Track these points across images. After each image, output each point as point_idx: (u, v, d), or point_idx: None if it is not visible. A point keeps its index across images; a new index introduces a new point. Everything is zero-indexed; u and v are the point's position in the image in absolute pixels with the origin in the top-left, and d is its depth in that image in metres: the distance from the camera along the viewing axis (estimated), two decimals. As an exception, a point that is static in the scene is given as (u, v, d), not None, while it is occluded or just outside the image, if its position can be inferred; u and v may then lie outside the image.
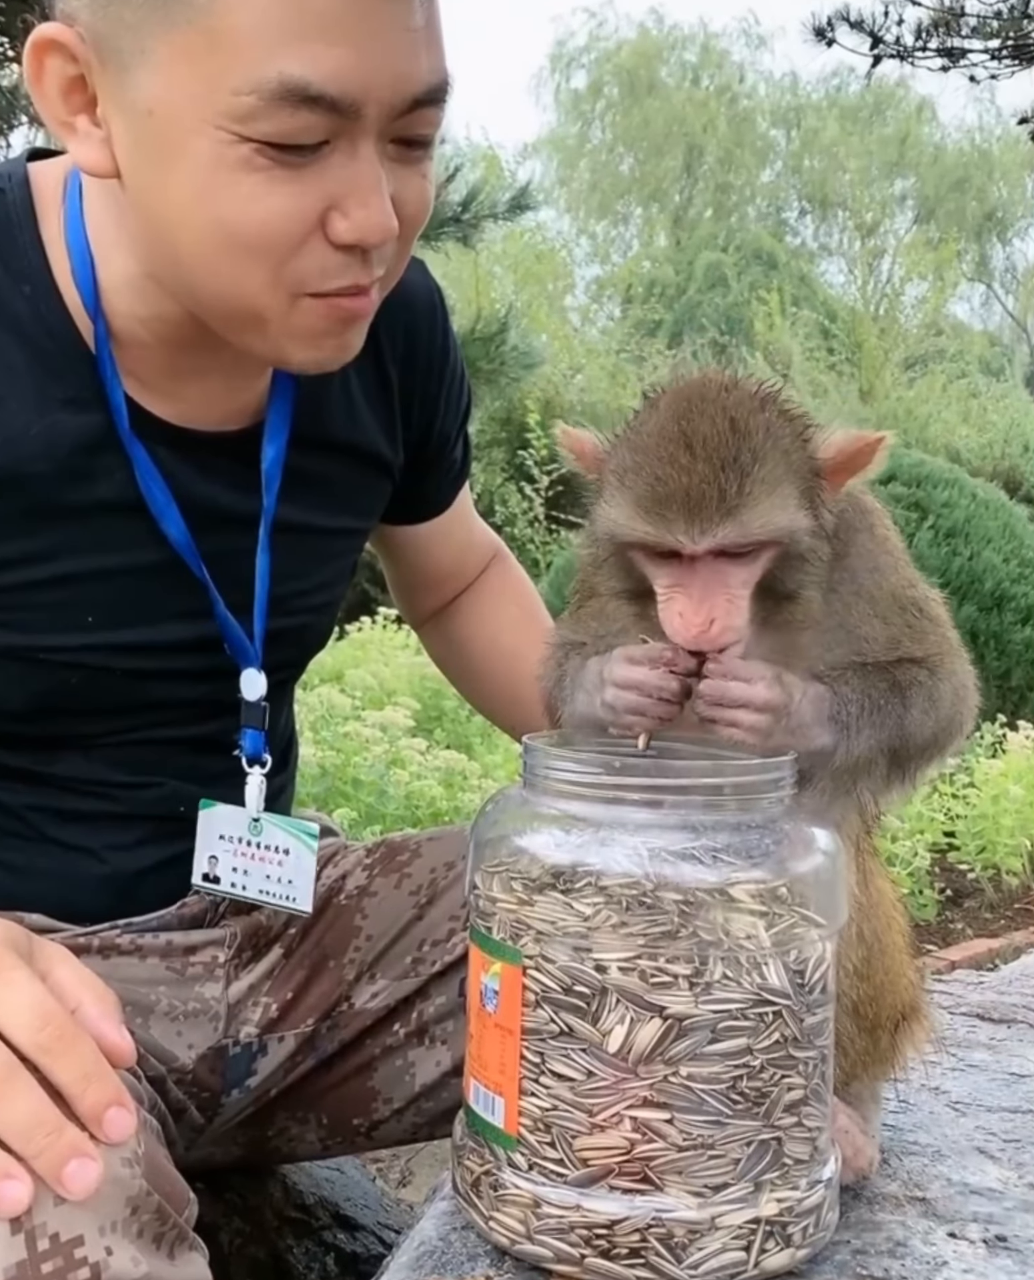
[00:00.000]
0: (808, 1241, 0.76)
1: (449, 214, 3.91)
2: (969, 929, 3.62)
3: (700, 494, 0.79)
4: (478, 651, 1.35)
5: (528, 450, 9.45)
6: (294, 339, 0.91)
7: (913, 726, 0.86)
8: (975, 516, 5.54)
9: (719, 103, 24.85)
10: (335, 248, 0.87)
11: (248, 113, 0.81)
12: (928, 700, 0.86)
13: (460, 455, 1.28)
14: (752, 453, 0.80)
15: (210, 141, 0.82)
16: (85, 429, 0.98)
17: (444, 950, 1.15)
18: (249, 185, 0.83)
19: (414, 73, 0.84)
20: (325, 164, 0.84)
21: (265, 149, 0.82)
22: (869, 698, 0.85)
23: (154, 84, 0.82)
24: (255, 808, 1.08)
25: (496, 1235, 0.77)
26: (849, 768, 0.85)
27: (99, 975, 1.05)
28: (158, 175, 0.85)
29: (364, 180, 0.85)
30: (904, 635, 0.88)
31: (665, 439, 0.81)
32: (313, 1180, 1.36)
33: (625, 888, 0.74)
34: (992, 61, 5.43)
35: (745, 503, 0.79)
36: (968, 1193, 0.89)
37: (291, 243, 0.85)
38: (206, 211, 0.84)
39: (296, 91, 0.80)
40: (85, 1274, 0.71)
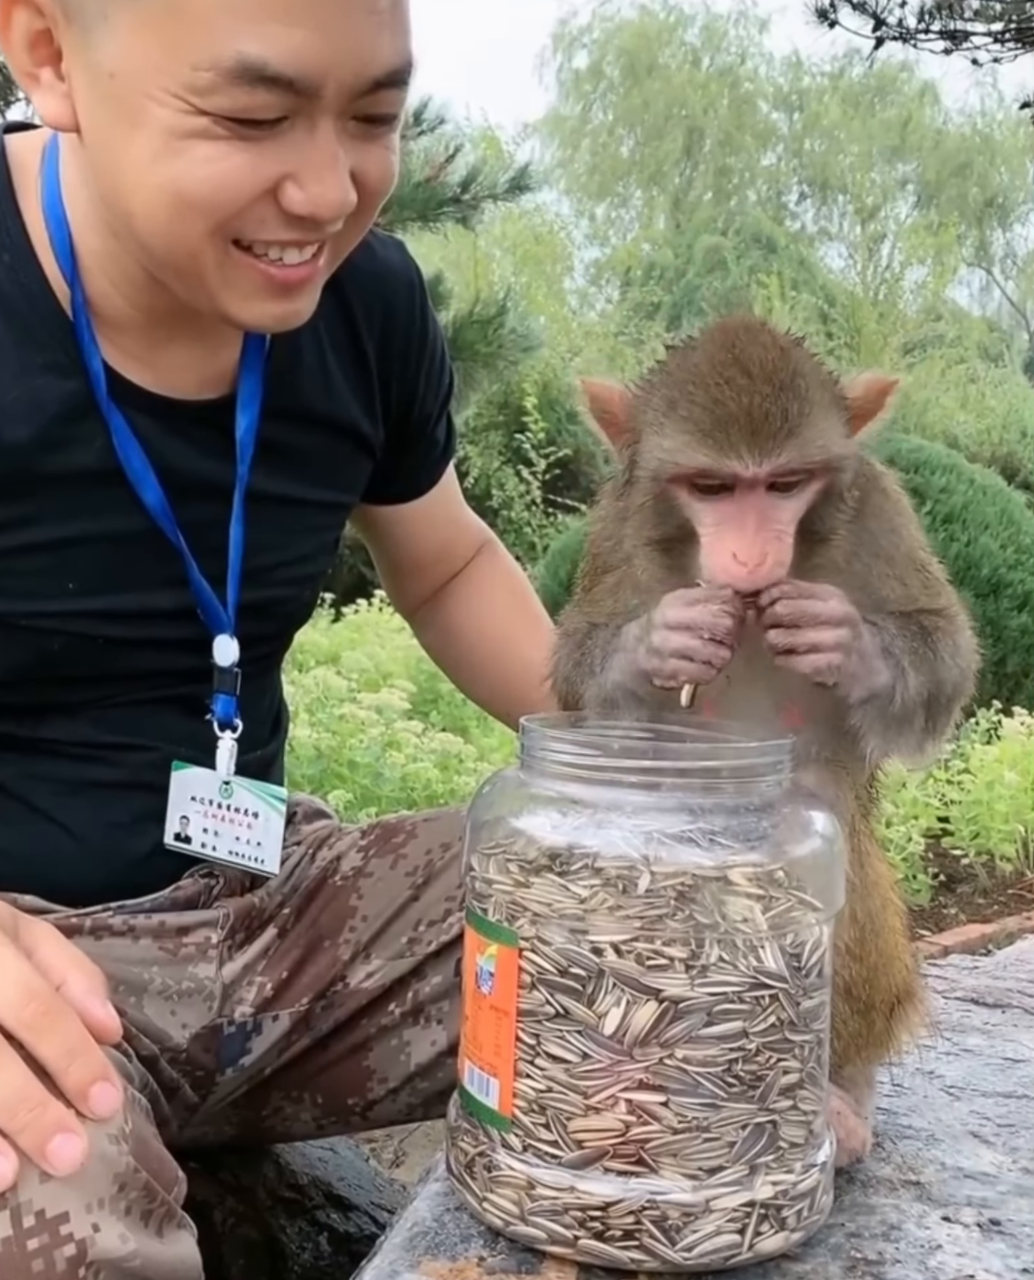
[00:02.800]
0: (802, 1225, 0.76)
1: (448, 195, 3.89)
2: (963, 914, 3.63)
3: (763, 413, 0.78)
4: (470, 638, 1.35)
5: (525, 433, 9.44)
6: (231, 292, 0.92)
7: (944, 671, 0.86)
8: (973, 502, 5.53)
9: (720, 85, 24.74)
10: (283, 212, 0.88)
11: (206, 87, 0.81)
12: (953, 646, 0.87)
13: (443, 436, 1.28)
14: (804, 377, 0.80)
15: (169, 110, 0.83)
16: (64, 396, 0.98)
17: (440, 930, 1.15)
18: (205, 150, 0.84)
19: (375, 55, 0.85)
20: (284, 138, 0.85)
21: (223, 121, 0.83)
22: (906, 639, 0.85)
23: (116, 48, 0.83)
24: (226, 771, 1.09)
25: (490, 1216, 0.77)
26: (898, 716, 0.85)
27: (91, 956, 1.04)
28: (116, 134, 0.86)
29: (321, 157, 0.86)
30: (920, 593, 0.89)
31: (718, 365, 0.80)
32: (306, 1160, 1.36)
33: (622, 870, 0.74)
34: (994, 44, 5.40)
35: (805, 424, 0.79)
36: (962, 1177, 0.89)
37: (238, 204, 0.87)
38: (161, 172, 0.85)
39: (254, 70, 0.81)
40: (71, 1250, 0.71)
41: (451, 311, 4.00)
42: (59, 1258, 0.71)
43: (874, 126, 23.89)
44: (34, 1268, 0.70)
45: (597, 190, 25.14)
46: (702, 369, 0.81)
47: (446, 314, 3.96)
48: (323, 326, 1.10)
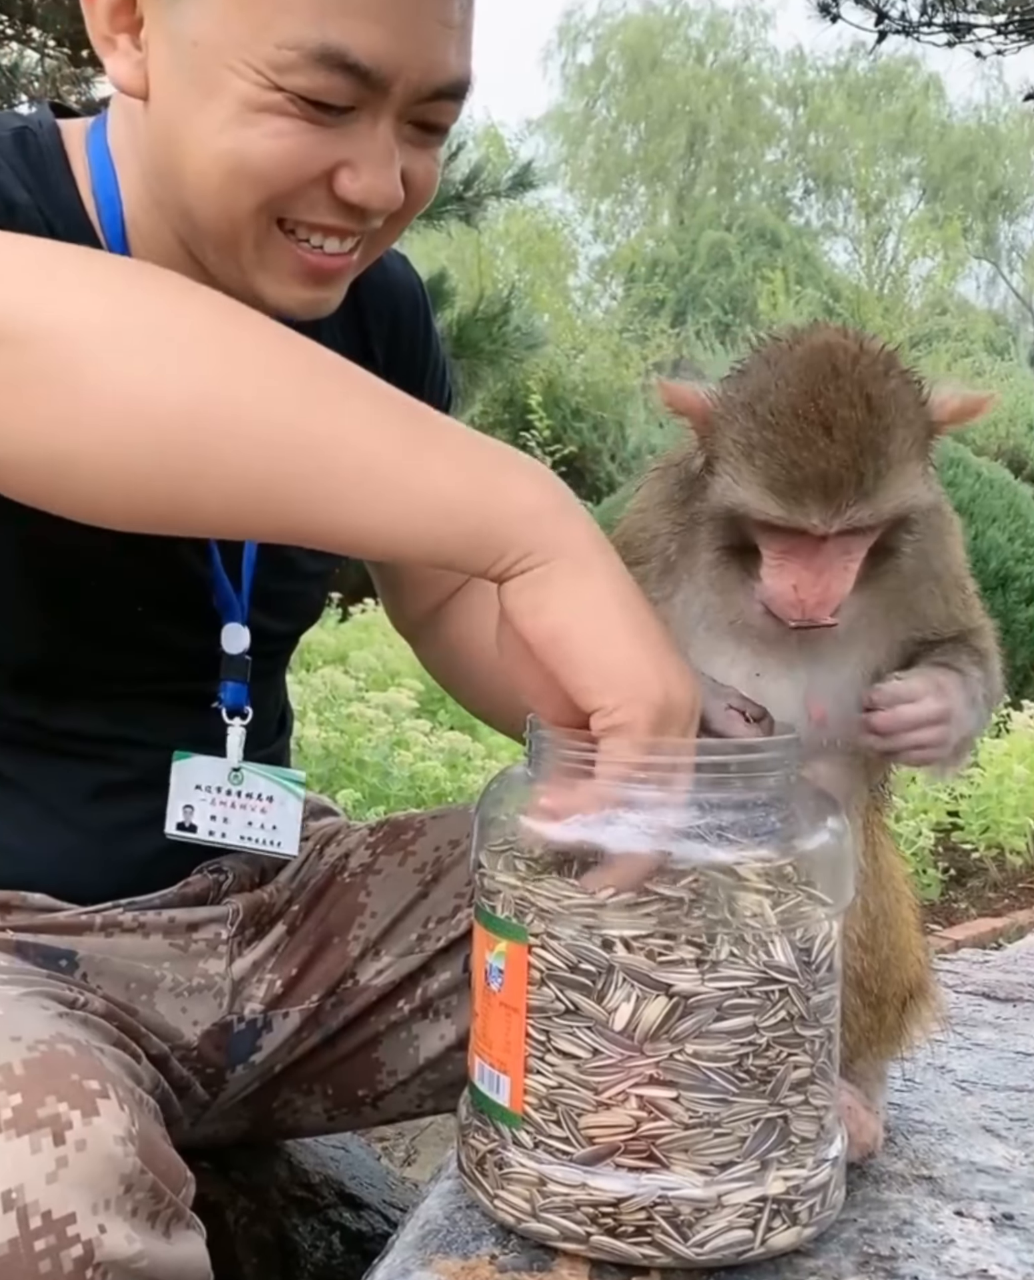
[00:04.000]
0: (814, 1220, 0.76)
1: (452, 192, 3.89)
2: (973, 908, 3.62)
3: (839, 479, 0.76)
4: (472, 655, 1.29)
5: (530, 431, 9.43)
6: (264, 273, 0.94)
7: (995, 694, 0.87)
8: (980, 496, 5.52)
9: (724, 81, 24.70)
10: (334, 199, 0.91)
11: (287, 65, 0.86)
12: (985, 672, 0.87)
13: None
14: (887, 432, 0.77)
15: (247, 82, 0.87)
16: None
17: (449, 926, 1.15)
18: (275, 124, 0.88)
19: (443, 64, 0.90)
20: (348, 128, 0.89)
21: (297, 100, 0.87)
22: (982, 678, 0.85)
23: (204, 18, 0.87)
24: (236, 757, 1.09)
25: (502, 1214, 0.77)
26: (958, 750, 0.85)
27: (102, 954, 1.05)
28: (188, 100, 0.89)
29: (379, 150, 0.90)
30: (959, 610, 0.89)
31: (800, 419, 0.76)
32: (318, 1159, 1.36)
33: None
34: (997, 36, 5.38)
35: (880, 485, 0.77)
36: (974, 1171, 0.89)
37: (294, 183, 0.90)
38: (227, 139, 0.88)
39: (335, 57, 0.85)
40: (78, 1251, 0.71)
41: (456, 309, 4.00)
42: (66, 1259, 0.71)
43: (879, 120, 23.84)
44: (41, 1269, 0.70)
45: (600, 187, 25.12)
46: (783, 420, 0.77)
47: (451, 312, 3.96)
48: (338, 327, 1.10)
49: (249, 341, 0.79)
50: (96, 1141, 0.73)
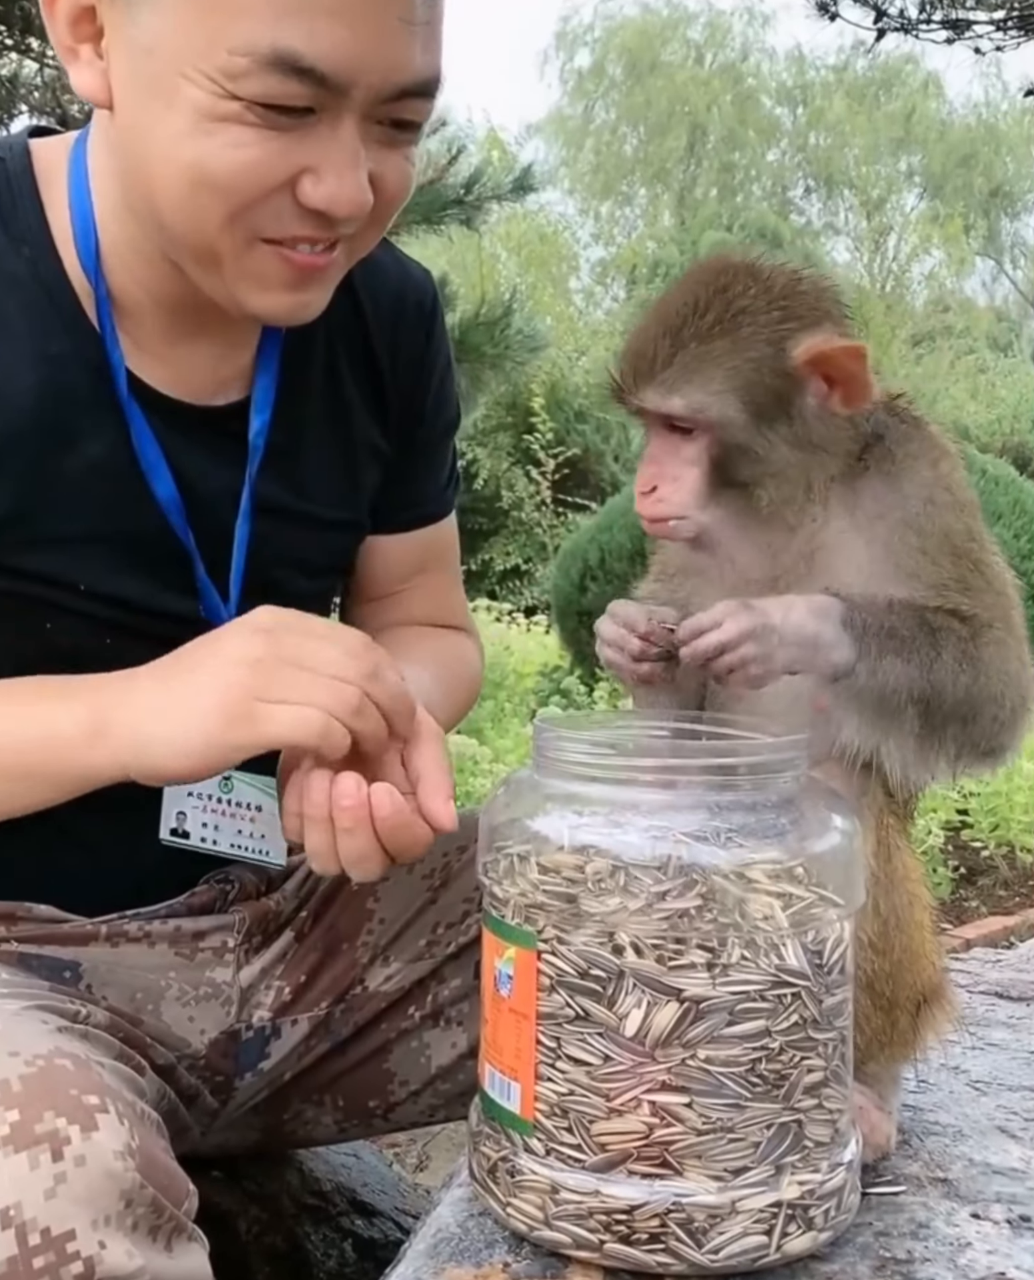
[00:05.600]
0: (830, 1224, 0.75)
1: (452, 196, 3.89)
2: (984, 907, 3.61)
3: (642, 354, 0.87)
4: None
5: (534, 434, 9.43)
6: (246, 282, 0.93)
7: (943, 675, 0.84)
8: (985, 493, 5.49)
9: (723, 81, 24.70)
10: (300, 206, 0.89)
11: (240, 72, 0.84)
12: (963, 655, 0.85)
13: (444, 477, 1.23)
14: (706, 334, 0.85)
15: (201, 91, 0.85)
16: (79, 388, 0.99)
17: (458, 932, 1.15)
18: (231, 134, 0.86)
19: (406, 63, 0.87)
20: (308, 132, 0.87)
21: (253, 107, 0.85)
22: (891, 624, 0.84)
23: (158, 25, 0.86)
24: None
25: (514, 1221, 0.76)
26: (876, 705, 0.84)
27: (108, 964, 1.04)
28: (147, 111, 0.88)
29: (342, 154, 0.88)
30: (953, 585, 0.87)
31: (649, 307, 0.89)
32: (329, 1167, 1.36)
33: (640, 870, 0.73)
34: (996, 33, 5.37)
35: (670, 371, 0.85)
36: (990, 1173, 0.88)
37: (258, 192, 0.88)
38: (186, 151, 0.87)
39: (288, 61, 0.83)
40: (79, 1268, 0.70)
41: (457, 313, 3.99)
42: (66, 1275, 0.70)
43: (879, 119, 23.82)
44: None
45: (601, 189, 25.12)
46: (657, 297, 0.90)
47: (452, 316, 3.96)
48: (338, 333, 1.10)
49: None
50: (95, 1157, 0.72)
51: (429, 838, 0.90)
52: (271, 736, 0.86)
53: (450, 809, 0.90)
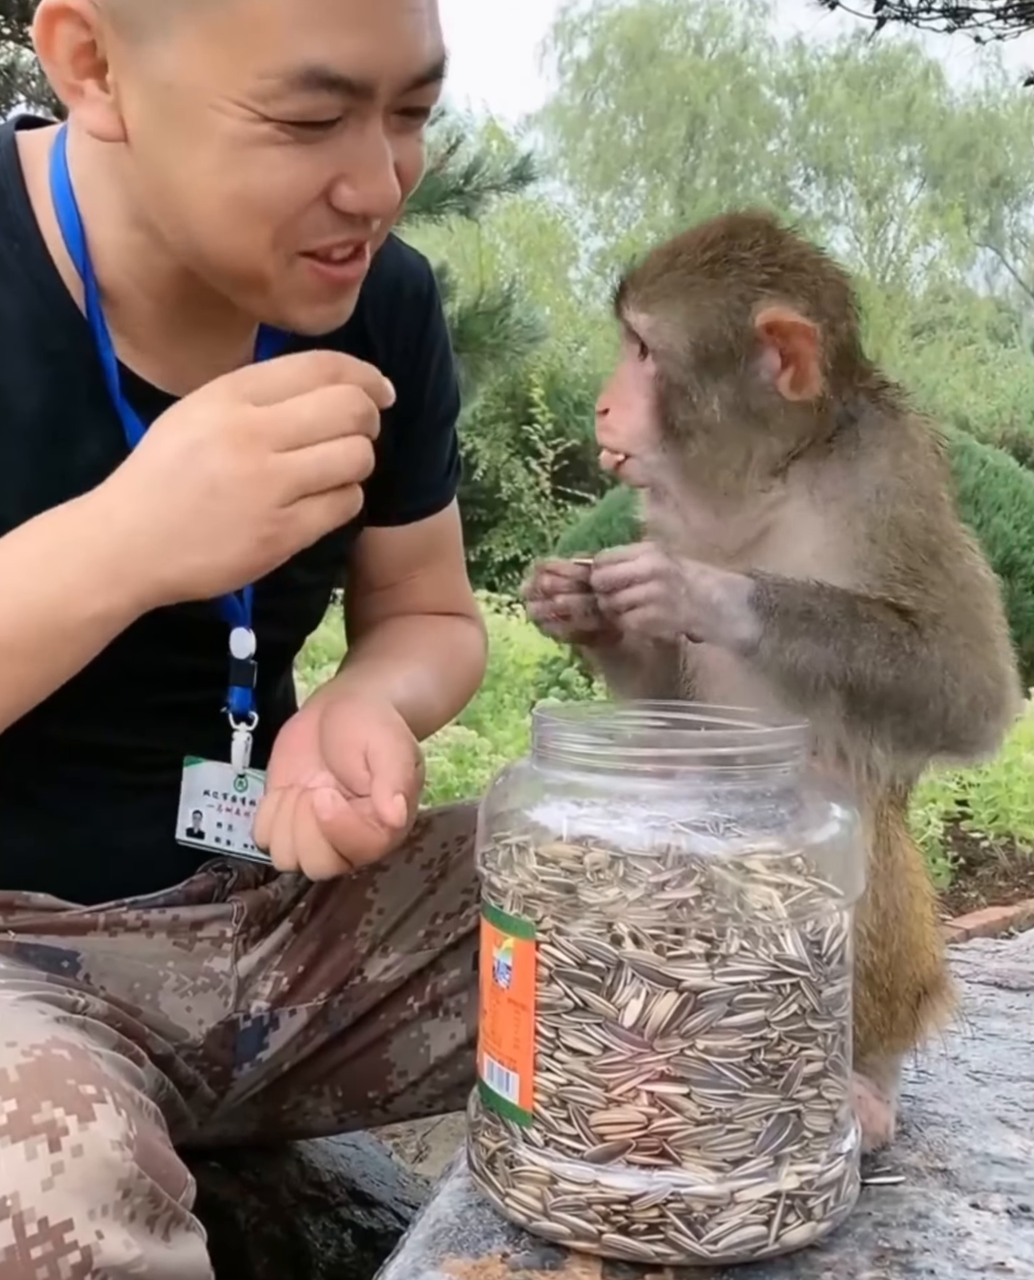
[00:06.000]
0: (829, 1215, 0.75)
1: (451, 186, 3.88)
2: (983, 897, 3.61)
3: (634, 279, 0.91)
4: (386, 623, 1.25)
5: (533, 425, 9.42)
6: (292, 299, 0.93)
7: (864, 664, 0.84)
8: (985, 483, 5.50)
9: (723, 71, 24.64)
10: (335, 212, 0.89)
11: (271, 94, 0.83)
12: (890, 647, 0.84)
13: (443, 466, 1.23)
14: (690, 260, 0.89)
15: (233, 119, 0.84)
16: (76, 386, 0.98)
17: (457, 923, 1.15)
18: (269, 158, 0.86)
19: (420, 52, 0.88)
20: (338, 139, 0.87)
21: (286, 126, 0.84)
22: (809, 607, 0.84)
23: (175, 59, 0.84)
24: (241, 764, 1.08)
25: (513, 1212, 0.76)
26: (791, 684, 0.85)
27: (105, 954, 1.04)
28: (175, 146, 0.87)
29: (373, 155, 0.88)
30: (899, 575, 0.86)
31: (680, 231, 0.94)
32: (329, 1157, 1.36)
33: (638, 860, 0.73)
34: (997, 21, 5.36)
35: (649, 289, 0.89)
36: (990, 1163, 0.88)
37: (299, 209, 0.88)
38: (227, 184, 0.87)
39: (318, 75, 0.83)
40: (76, 1258, 0.70)
41: (457, 303, 3.98)
42: (63, 1266, 0.70)
43: (879, 109, 23.76)
44: (39, 1276, 0.70)
45: (600, 179, 25.07)
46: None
47: (452, 306, 3.95)
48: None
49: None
50: (93, 1147, 0.72)
51: (382, 840, 0.91)
52: (311, 534, 0.88)
53: (398, 805, 0.90)
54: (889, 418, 0.90)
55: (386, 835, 0.91)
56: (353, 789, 0.92)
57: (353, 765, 0.93)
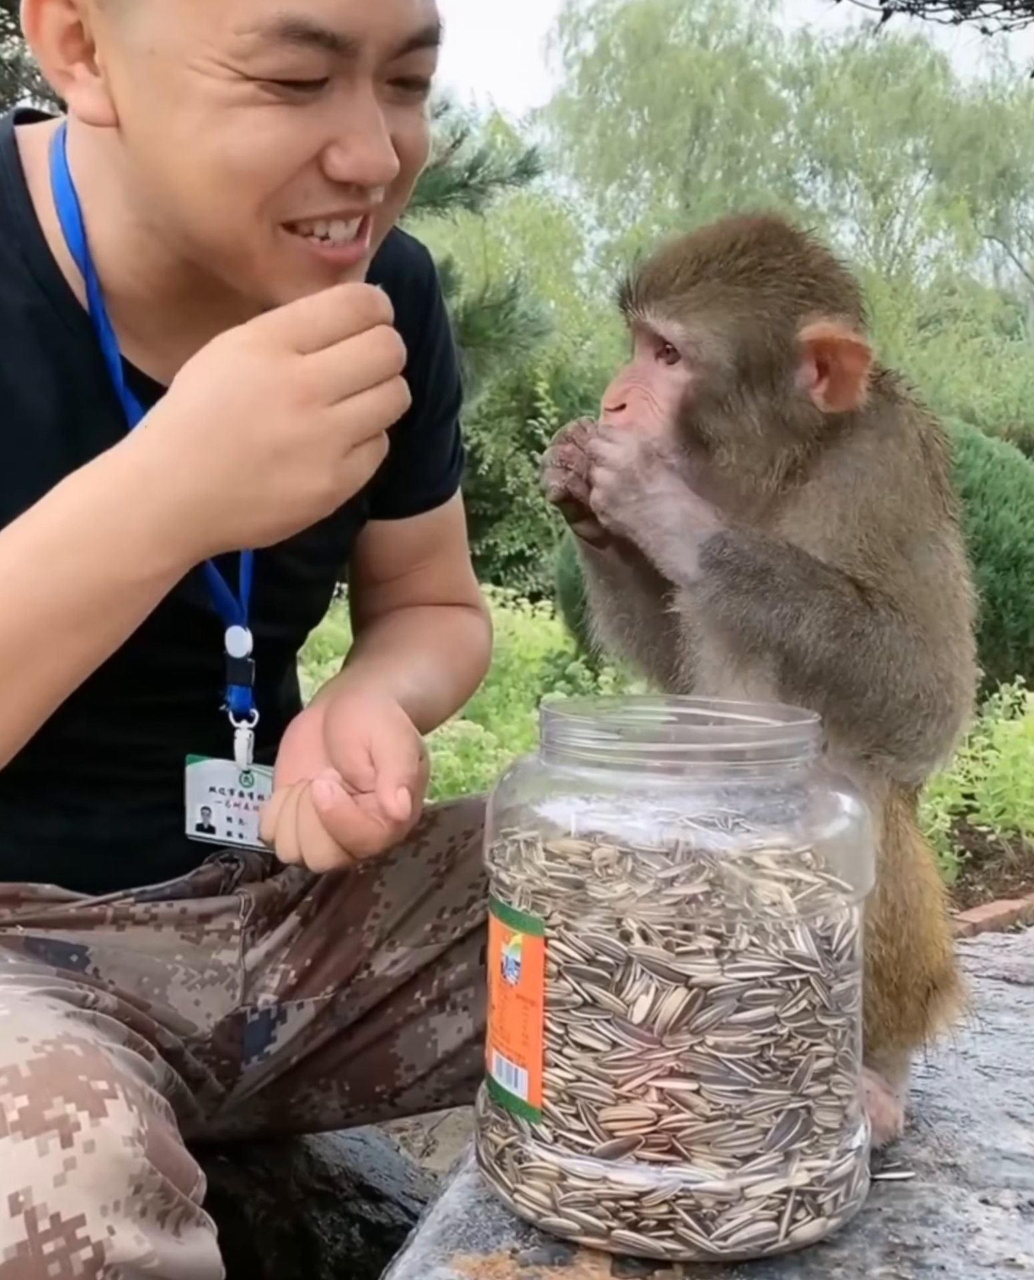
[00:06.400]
0: (839, 1211, 0.75)
1: (456, 179, 3.87)
2: (990, 891, 3.61)
3: (662, 269, 0.87)
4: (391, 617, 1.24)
5: (538, 419, 9.41)
6: (279, 276, 0.92)
7: (807, 633, 0.83)
8: (992, 476, 5.48)
9: (728, 63, 24.56)
10: (328, 181, 0.88)
11: (250, 50, 0.82)
12: (838, 620, 0.83)
13: (448, 456, 1.22)
14: (725, 267, 0.86)
15: (214, 79, 0.83)
16: (81, 382, 0.98)
17: (464, 917, 1.14)
18: (252, 119, 0.84)
19: (410, 13, 0.86)
20: (326, 102, 0.85)
21: (270, 85, 0.83)
22: (767, 564, 0.84)
23: (155, 24, 0.83)
24: (245, 761, 1.08)
25: (522, 1208, 0.76)
26: (725, 634, 0.86)
27: (114, 947, 1.04)
28: (159, 114, 0.86)
29: (364, 118, 0.86)
30: (860, 556, 0.86)
31: (700, 227, 0.91)
32: (337, 1151, 1.36)
33: (647, 856, 0.73)
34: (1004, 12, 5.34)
35: (676, 293, 0.86)
36: (999, 1158, 0.88)
37: (286, 173, 0.87)
38: (209, 144, 0.85)
39: (298, 28, 0.82)
40: (87, 1254, 0.70)
41: (462, 297, 3.98)
42: (75, 1261, 0.70)
43: (885, 101, 23.68)
44: (50, 1272, 0.69)
45: (605, 172, 25.01)
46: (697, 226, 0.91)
47: (457, 300, 3.95)
48: None
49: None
50: (105, 1142, 0.72)
51: (382, 833, 0.90)
52: (361, 482, 0.89)
53: (402, 798, 0.90)
54: (886, 404, 0.90)
55: (388, 827, 0.91)
56: (357, 785, 0.92)
57: (357, 761, 0.93)
